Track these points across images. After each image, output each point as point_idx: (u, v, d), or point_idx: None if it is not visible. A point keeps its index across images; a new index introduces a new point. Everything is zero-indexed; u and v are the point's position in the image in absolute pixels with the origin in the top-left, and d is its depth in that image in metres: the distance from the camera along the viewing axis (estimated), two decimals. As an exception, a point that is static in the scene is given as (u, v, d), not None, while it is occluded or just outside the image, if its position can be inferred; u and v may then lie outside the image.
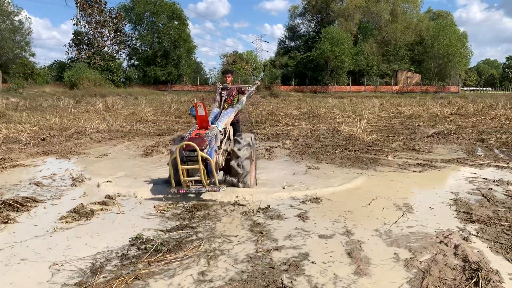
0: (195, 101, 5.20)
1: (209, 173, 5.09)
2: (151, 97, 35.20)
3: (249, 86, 7.33)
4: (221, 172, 5.96)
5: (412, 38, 58.55)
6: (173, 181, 5.07)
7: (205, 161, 4.96)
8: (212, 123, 5.77)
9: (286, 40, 68.04)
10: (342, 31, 53.96)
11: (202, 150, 4.90)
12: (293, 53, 61.46)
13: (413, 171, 7.12)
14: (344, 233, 4.10)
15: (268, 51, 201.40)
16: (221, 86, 7.03)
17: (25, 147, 9.35)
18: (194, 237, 3.95)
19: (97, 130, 12.24)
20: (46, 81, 46.19)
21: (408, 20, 59.49)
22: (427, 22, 59.99)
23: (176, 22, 57.11)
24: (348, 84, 55.94)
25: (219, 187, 4.99)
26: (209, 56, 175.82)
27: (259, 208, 4.88)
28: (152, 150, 9.14)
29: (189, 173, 5.20)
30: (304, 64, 57.16)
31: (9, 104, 20.76)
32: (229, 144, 5.90)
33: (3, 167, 7.14)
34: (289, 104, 26.56)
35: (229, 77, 7.16)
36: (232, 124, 6.97)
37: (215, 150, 5.30)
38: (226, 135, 5.88)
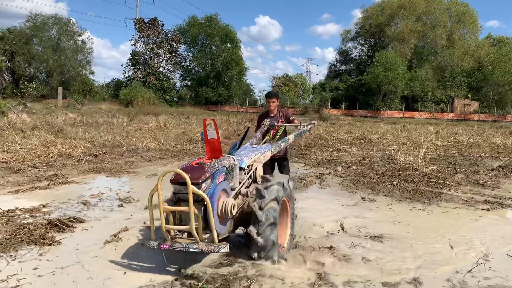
0: (204, 119, 3.98)
1: (207, 222, 3.43)
2: (201, 117, 35.71)
3: (303, 125, 5.99)
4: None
5: (470, 64, 56.22)
6: (152, 228, 3.50)
7: (202, 202, 3.42)
8: (230, 154, 4.24)
9: (337, 64, 67.53)
10: (396, 56, 52.76)
11: (197, 184, 3.36)
12: (344, 77, 60.77)
13: (482, 208, 6.45)
14: (411, 281, 3.62)
15: (317, 74, 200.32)
16: (267, 125, 5.92)
17: (77, 163, 9.48)
18: (243, 274, 3.62)
19: (148, 149, 12.32)
20: (103, 98, 48.21)
21: (466, 46, 57.26)
22: (487, 48, 57.46)
23: (229, 45, 58.25)
24: (401, 110, 54.30)
25: (218, 246, 3.34)
26: (259, 78, 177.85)
27: (320, 246, 4.47)
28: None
29: (181, 219, 3.59)
30: (355, 88, 56.26)
31: (67, 119, 21.63)
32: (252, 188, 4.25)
33: (54, 184, 7.19)
34: (339, 128, 25.93)
35: (273, 102, 6.05)
36: (275, 160, 6.09)
37: (224, 190, 3.70)
38: (250, 175, 4.33)
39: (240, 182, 4.12)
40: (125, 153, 11.33)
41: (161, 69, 56.27)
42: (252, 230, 3.66)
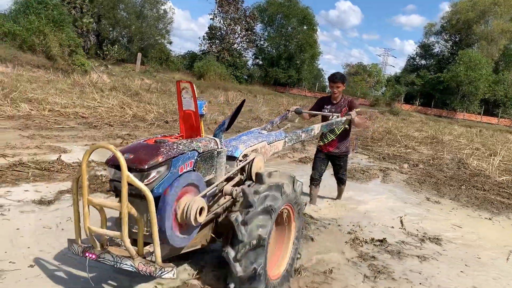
0: (179, 81, 2.93)
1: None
2: (268, 97, 35.86)
3: (335, 115, 4.89)
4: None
5: None
6: (76, 227, 2.50)
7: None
8: (216, 135, 2.92)
9: (417, 58, 64.36)
10: (482, 56, 49.30)
11: (140, 171, 2.33)
12: (422, 72, 57.91)
13: (558, 228, 5.98)
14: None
15: (393, 66, 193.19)
16: (293, 110, 4.90)
17: (149, 126, 9.95)
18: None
19: (215, 122, 12.63)
20: (177, 69, 49.73)
21: None
22: None
23: (305, 27, 57.49)
24: (479, 113, 50.99)
25: (161, 269, 2.31)
26: (331, 64, 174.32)
27: (372, 238, 4.40)
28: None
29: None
30: (432, 85, 53.49)
31: (143, 84, 22.62)
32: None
33: (127, 142, 7.61)
34: (410, 125, 24.91)
35: (338, 87, 5.08)
36: (331, 156, 5.30)
37: (191, 185, 2.56)
38: (244, 168, 3.16)
39: (230, 177, 3.02)
40: (193, 123, 11.70)
41: (235, 45, 56.86)
42: (229, 252, 2.59)
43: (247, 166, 3.15)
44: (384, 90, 63.58)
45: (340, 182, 5.69)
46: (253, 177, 3.06)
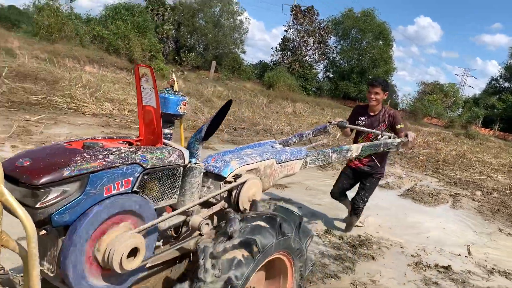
0: (138, 65, 2.06)
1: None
2: (337, 111, 35.48)
3: (386, 135, 3.86)
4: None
5: None
6: None
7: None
8: (190, 145, 2.14)
9: (500, 80, 60.55)
10: None
11: (34, 188, 1.53)
12: (504, 95, 54.38)
13: None
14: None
15: (473, 88, 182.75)
16: (335, 122, 4.06)
17: (219, 132, 10.31)
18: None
19: (282, 132, 12.78)
20: (248, 78, 50.77)
21: None
22: None
23: (380, 42, 56.35)
24: None
25: None
26: (405, 80, 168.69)
27: (437, 264, 4.28)
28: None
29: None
30: (515, 110, 50.07)
31: (215, 91, 23.39)
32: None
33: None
34: (487, 150, 23.46)
35: (376, 93, 4.21)
36: (360, 173, 4.47)
37: (126, 212, 1.81)
38: (230, 192, 2.31)
39: (212, 202, 2.29)
40: (260, 132, 11.94)
41: (307, 57, 56.98)
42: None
43: (234, 190, 2.29)
44: (461, 111, 60.46)
45: (354, 209, 4.56)
46: (241, 207, 2.27)
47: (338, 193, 4.63)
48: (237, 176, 2.34)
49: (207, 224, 2.13)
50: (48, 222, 1.60)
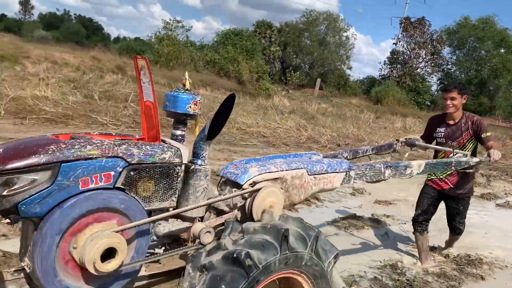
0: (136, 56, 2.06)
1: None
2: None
3: (460, 154, 3.47)
4: None
5: None
6: None
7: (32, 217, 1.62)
8: (195, 147, 2.14)
9: None
10: None
11: (1, 174, 1.53)
12: None
13: None
14: None
15: None
16: (404, 140, 3.87)
17: (322, 148, 10.41)
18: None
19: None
20: (354, 93, 49.94)
21: None
22: None
23: (502, 50, 51.54)
24: None
25: None
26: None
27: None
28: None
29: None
30: None
31: (319, 108, 23.50)
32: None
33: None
34: None
35: (452, 98, 3.72)
36: (446, 196, 3.96)
37: (106, 210, 1.74)
38: (247, 204, 2.11)
39: (224, 211, 2.17)
40: (366, 148, 11.76)
41: (418, 70, 54.30)
42: None
43: (249, 199, 2.11)
44: None
45: (455, 231, 4.19)
46: (255, 217, 2.07)
47: (423, 219, 3.96)
48: (254, 184, 2.16)
49: (209, 232, 1.92)
50: (14, 212, 1.55)
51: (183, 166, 1.97)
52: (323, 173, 2.46)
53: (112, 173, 1.70)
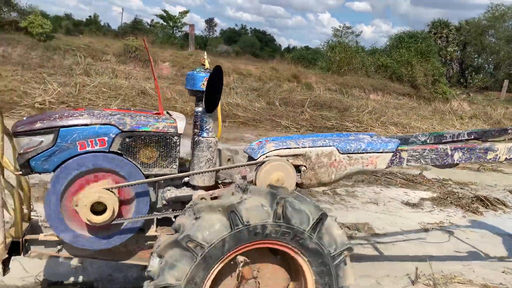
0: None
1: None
2: None
3: None
4: None
5: None
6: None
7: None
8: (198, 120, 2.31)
9: None
10: None
11: (15, 135, 2.05)
12: None
13: None
14: None
15: None
16: None
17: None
18: None
19: None
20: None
21: None
22: None
23: None
24: None
25: None
26: None
27: None
28: None
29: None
30: None
31: (506, 113, 21.11)
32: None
33: (484, 169, 7.79)
34: None
35: None
36: None
37: (111, 172, 2.09)
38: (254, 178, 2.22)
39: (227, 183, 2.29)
40: None
41: None
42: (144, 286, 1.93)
43: (254, 174, 2.21)
44: None
45: None
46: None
47: None
48: (267, 157, 2.23)
49: (204, 199, 2.11)
50: (27, 167, 2.00)
51: (179, 137, 2.18)
52: (361, 153, 2.35)
53: (106, 138, 2.04)
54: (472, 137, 3.10)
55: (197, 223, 1.77)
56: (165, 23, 29.68)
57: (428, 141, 2.99)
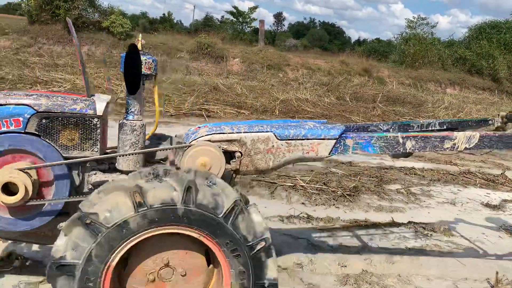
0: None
1: None
2: None
3: None
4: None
5: None
6: None
7: None
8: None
9: None
10: None
11: None
12: None
13: None
14: None
15: None
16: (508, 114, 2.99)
17: None
18: None
19: None
20: None
21: None
22: None
23: None
24: None
25: None
26: None
27: None
28: None
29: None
30: None
31: None
32: None
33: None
34: None
35: None
36: None
37: (26, 152, 2.09)
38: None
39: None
40: None
41: None
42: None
43: (178, 159, 2.20)
44: None
45: None
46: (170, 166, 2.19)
47: None
48: (194, 141, 2.22)
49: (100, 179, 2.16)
50: None
51: (100, 119, 2.15)
52: (301, 139, 2.28)
53: (21, 119, 2.04)
54: (445, 127, 2.95)
55: (100, 202, 1.77)
56: (235, 19, 30.23)
57: (391, 130, 2.89)
